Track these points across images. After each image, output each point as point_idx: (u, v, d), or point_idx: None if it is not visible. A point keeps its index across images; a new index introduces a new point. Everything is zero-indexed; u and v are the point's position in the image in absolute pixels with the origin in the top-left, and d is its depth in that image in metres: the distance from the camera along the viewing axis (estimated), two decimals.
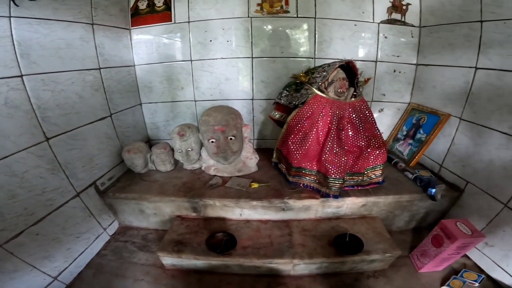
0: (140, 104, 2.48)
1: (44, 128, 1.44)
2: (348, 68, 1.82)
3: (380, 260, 1.58)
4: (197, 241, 1.64)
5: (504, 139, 1.53)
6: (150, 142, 2.58)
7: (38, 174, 1.41)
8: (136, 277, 1.64)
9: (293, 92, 1.94)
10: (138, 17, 2.30)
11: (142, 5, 2.27)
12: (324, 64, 1.94)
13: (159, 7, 2.27)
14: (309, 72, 1.95)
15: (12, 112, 1.28)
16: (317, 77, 1.82)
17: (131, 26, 2.30)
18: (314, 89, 1.78)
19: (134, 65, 2.37)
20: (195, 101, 2.47)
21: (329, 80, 1.79)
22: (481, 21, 1.67)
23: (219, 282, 1.59)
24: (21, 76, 1.34)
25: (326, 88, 1.79)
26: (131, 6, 2.27)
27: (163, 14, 2.28)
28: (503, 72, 1.54)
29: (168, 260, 1.63)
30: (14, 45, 1.32)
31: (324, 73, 1.79)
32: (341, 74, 1.78)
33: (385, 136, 2.48)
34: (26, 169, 1.34)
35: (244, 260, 1.54)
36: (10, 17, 1.30)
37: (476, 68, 1.71)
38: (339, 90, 1.75)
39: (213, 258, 1.55)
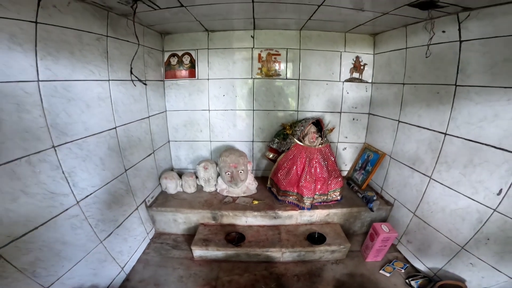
0: (169, 142, 3.27)
1: (124, 162, 2.22)
2: (318, 122, 2.76)
3: (338, 251, 2.40)
4: (218, 238, 2.45)
5: (410, 171, 2.40)
6: (173, 170, 3.30)
7: (120, 193, 2.16)
8: (174, 267, 2.36)
9: (281, 140, 2.88)
10: (170, 71, 3.04)
11: (173, 61, 3.02)
12: (302, 120, 2.88)
13: (186, 64, 3.02)
14: (292, 126, 2.88)
15: (110, 153, 2.03)
16: (297, 130, 2.76)
17: (165, 78, 3.06)
18: (295, 140, 2.71)
19: (166, 111, 3.15)
20: (210, 141, 3.28)
21: (305, 133, 2.71)
22: (403, 84, 2.50)
23: (233, 266, 2.36)
24: (115, 128, 2.09)
25: (303, 138, 2.70)
26: (165, 60, 3.02)
27: (189, 71, 3.04)
28: (412, 126, 2.42)
29: (197, 252, 2.40)
30: (112, 103, 2.03)
31: (302, 128, 2.72)
32: (313, 128, 2.72)
33: (347, 167, 3.37)
34: (116, 190, 2.10)
35: (250, 249, 2.36)
36: (109, 80, 1.99)
37: (399, 122, 2.57)
38: (311, 141, 2.67)
39: (229, 249, 2.36)
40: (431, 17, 1.98)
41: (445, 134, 2.02)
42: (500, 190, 1.61)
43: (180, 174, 3.03)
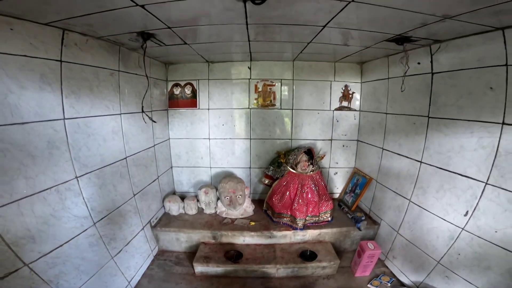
0: (171, 167, 3.50)
1: (133, 188, 2.46)
2: (309, 151, 3.02)
3: (328, 266, 2.59)
4: (218, 256, 2.65)
5: (393, 194, 2.63)
6: (175, 194, 3.52)
7: (129, 215, 2.38)
8: (177, 282, 2.54)
9: (276, 168, 3.13)
10: (173, 100, 3.29)
11: (177, 91, 3.28)
12: (295, 149, 3.14)
13: (188, 94, 3.28)
14: (286, 154, 3.14)
15: (121, 181, 2.27)
16: (290, 159, 3.01)
17: (168, 107, 3.32)
18: (289, 167, 2.96)
19: (169, 139, 3.40)
20: (211, 167, 3.51)
21: (297, 161, 2.95)
22: (386, 113, 2.77)
23: (231, 282, 2.54)
24: (126, 158, 2.34)
25: (296, 166, 2.95)
26: (168, 90, 3.28)
27: (191, 101, 3.29)
28: (394, 154, 2.66)
29: (199, 268, 2.59)
30: (123, 135, 2.28)
31: (295, 156, 2.98)
32: (305, 157, 2.96)
33: (339, 190, 3.59)
34: (126, 212, 2.33)
35: (247, 266, 2.56)
36: (121, 114, 2.24)
37: (383, 149, 2.83)
38: (303, 168, 2.91)
39: (228, 265, 2.56)
40: (405, 50, 2.22)
41: (421, 162, 2.27)
42: (467, 212, 1.84)
43: (182, 197, 3.25)
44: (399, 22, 1.67)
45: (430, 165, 2.17)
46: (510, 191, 1.58)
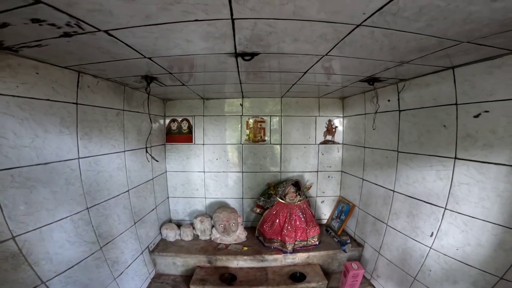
0: (168, 198, 3.71)
1: (134, 217, 2.67)
2: (297, 183, 3.30)
3: (317, 287, 2.76)
4: (213, 279, 2.82)
5: (373, 219, 2.86)
6: (171, 222, 3.67)
7: (130, 241, 2.57)
8: None
9: (266, 198, 3.40)
10: (170, 135, 3.56)
11: (174, 127, 3.55)
12: (284, 181, 3.41)
13: (184, 130, 3.55)
14: (275, 186, 3.41)
15: (124, 211, 2.49)
16: (279, 190, 3.27)
17: (166, 142, 3.58)
18: (278, 198, 3.22)
19: (166, 172, 3.64)
20: (205, 198, 3.73)
21: (286, 192, 3.22)
22: (364, 147, 3.07)
23: None
24: (128, 191, 2.58)
25: (284, 196, 3.21)
26: (166, 125, 3.55)
27: (187, 136, 3.55)
28: (372, 184, 2.92)
29: None
30: (126, 171, 2.53)
31: (283, 188, 3.25)
32: (292, 189, 3.24)
33: (326, 217, 3.81)
34: (127, 238, 2.52)
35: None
36: (124, 151, 2.52)
37: (363, 180, 3.10)
38: (291, 198, 3.17)
39: (223, 287, 2.75)
40: (375, 88, 2.53)
41: (393, 191, 2.55)
42: (432, 233, 2.09)
43: (178, 225, 3.45)
44: (367, 68, 2.00)
45: (401, 193, 2.45)
46: (464, 214, 1.85)
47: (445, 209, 1.99)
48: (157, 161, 3.09)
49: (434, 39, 1.36)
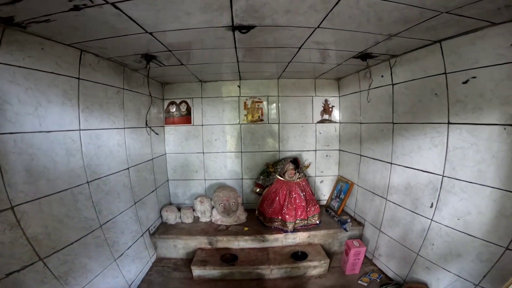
0: (168, 180, 3.71)
1: (134, 197, 2.65)
2: (295, 160, 3.29)
3: (319, 266, 2.77)
4: (214, 259, 2.82)
5: (372, 195, 2.87)
6: (172, 205, 3.63)
7: (130, 222, 2.56)
8: (175, 286, 2.67)
9: (266, 177, 3.41)
10: (169, 118, 3.57)
11: (172, 109, 3.56)
12: (282, 159, 3.40)
13: (183, 111, 3.56)
14: (274, 165, 3.41)
15: (124, 189, 2.48)
16: (278, 168, 3.27)
17: (164, 124, 3.58)
18: (277, 176, 3.21)
19: (165, 154, 3.63)
20: (205, 179, 3.74)
21: (285, 170, 3.21)
22: (360, 123, 3.08)
23: (228, 285, 2.67)
24: (128, 168, 2.56)
25: (283, 174, 3.20)
26: (165, 108, 3.55)
27: (186, 118, 3.56)
28: (369, 158, 2.93)
29: (196, 271, 2.74)
30: (126, 148, 2.51)
31: (282, 166, 3.25)
32: (291, 166, 3.24)
33: (326, 197, 3.82)
34: (128, 218, 2.52)
35: (242, 268, 2.73)
36: (124, 128, 2.51)
37: (361, 156, 3.11)
38: (290, 176, 3.17)
39: (224, 268, 2.73)
40: (369, 66, 2.59)
41: (391, 163, 2.56)
42: (432, 204, 2.10)
43: (179, 208, 3.44)
44: (358, 42, 2.06)
45: (398, 165, 2.47)
46: (462, 180, 1.86)
47: (443, 176, 2.01)
48: (156, 133, 3.12)
49: (415, 9, 1.44)
